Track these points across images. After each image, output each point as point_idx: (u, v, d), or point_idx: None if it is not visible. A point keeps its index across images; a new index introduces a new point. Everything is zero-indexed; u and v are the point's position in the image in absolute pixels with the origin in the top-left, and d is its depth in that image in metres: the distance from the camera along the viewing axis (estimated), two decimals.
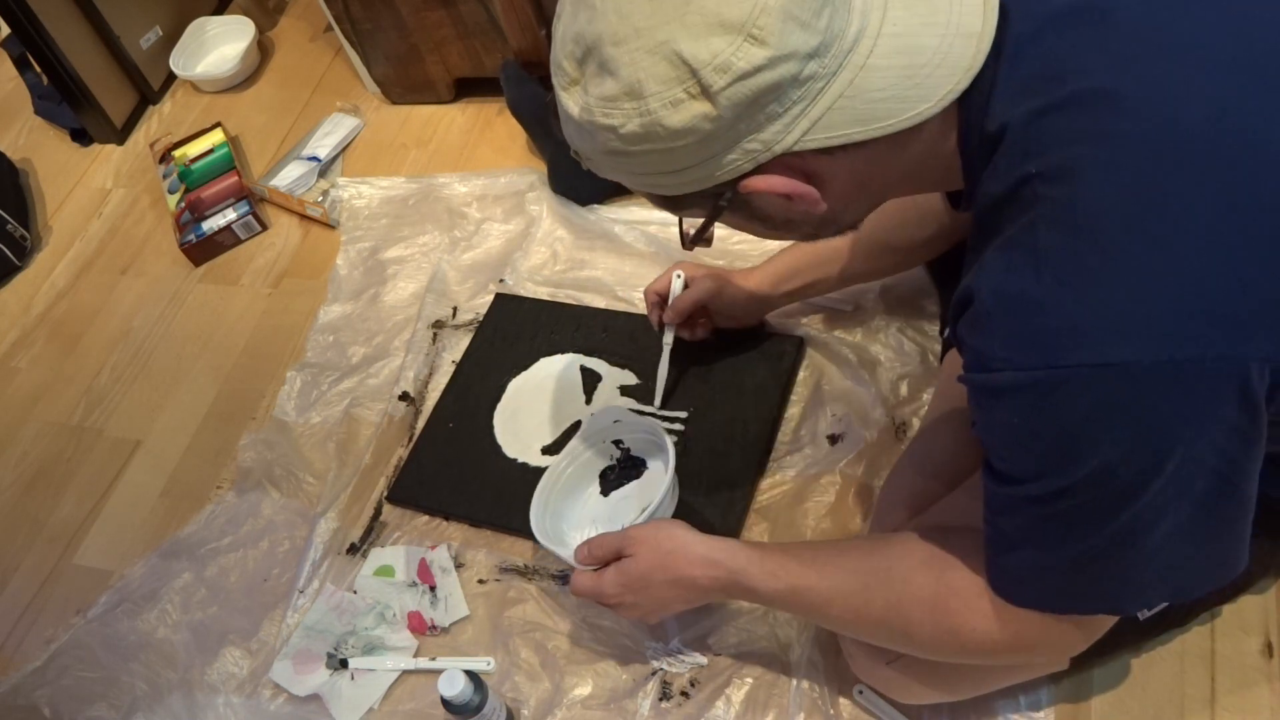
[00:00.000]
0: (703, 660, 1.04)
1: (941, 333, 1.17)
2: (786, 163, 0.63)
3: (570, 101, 0.65)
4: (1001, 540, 0.68)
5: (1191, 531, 0.62)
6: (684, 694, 1.03)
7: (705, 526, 1.10)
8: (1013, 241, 0.61)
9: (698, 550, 0.87)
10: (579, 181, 1.45)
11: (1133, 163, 0.58)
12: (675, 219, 0.76)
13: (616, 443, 1.14)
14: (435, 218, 1.53)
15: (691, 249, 0.77)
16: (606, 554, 0.91)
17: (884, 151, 0.64)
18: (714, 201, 0.67)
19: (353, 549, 1.22)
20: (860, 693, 0.98)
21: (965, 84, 0.62)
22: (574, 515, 1.12)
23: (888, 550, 0.79)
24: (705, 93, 0.59)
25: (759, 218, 0.70)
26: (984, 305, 0.62)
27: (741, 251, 1.36)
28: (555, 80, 0.66)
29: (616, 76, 0.60)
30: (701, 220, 0.71)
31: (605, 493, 1.14)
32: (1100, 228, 0.58)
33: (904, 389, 1.17)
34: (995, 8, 0.63)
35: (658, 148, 0.62)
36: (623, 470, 1.15)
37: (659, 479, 1.11)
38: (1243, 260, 0.56)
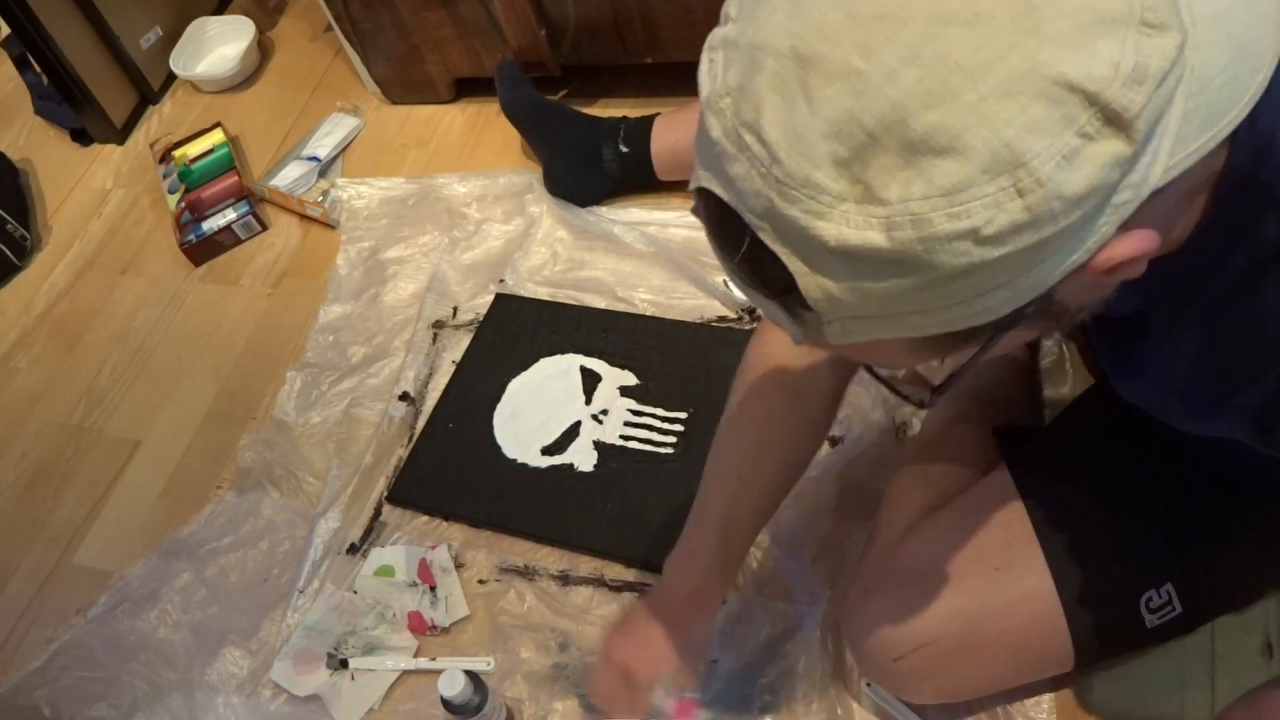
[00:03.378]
0: None
1: None
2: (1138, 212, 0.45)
3: (847, 231, 0.42)
4: None
5: None
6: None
7: None
8: None
9: None
10: (574, 185, 1.45)
11: None
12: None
13: None
14: (435, 218, 1.53)
15: (932, 404, 0.58)
16: None
17: (1184, 180, 0.46)
18: (1018, 316, 0.46)
19: (353, 549, 1.22)
20: (868, 686, 0.98)
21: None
22: None
23: None
24: (1116, 121, 0.40)
25: (1042, 319, 0.50)
26: None
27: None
28: (795, 212, 0.42)
29: (958, 152, 0.40)
30: (966, 354, 0.52)
31: None
32: None
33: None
34: None
35: (1036, 238, 0.41)
36: None
37: None
38: None
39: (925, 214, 0.40)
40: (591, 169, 1.42)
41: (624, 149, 1.40)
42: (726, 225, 0.46)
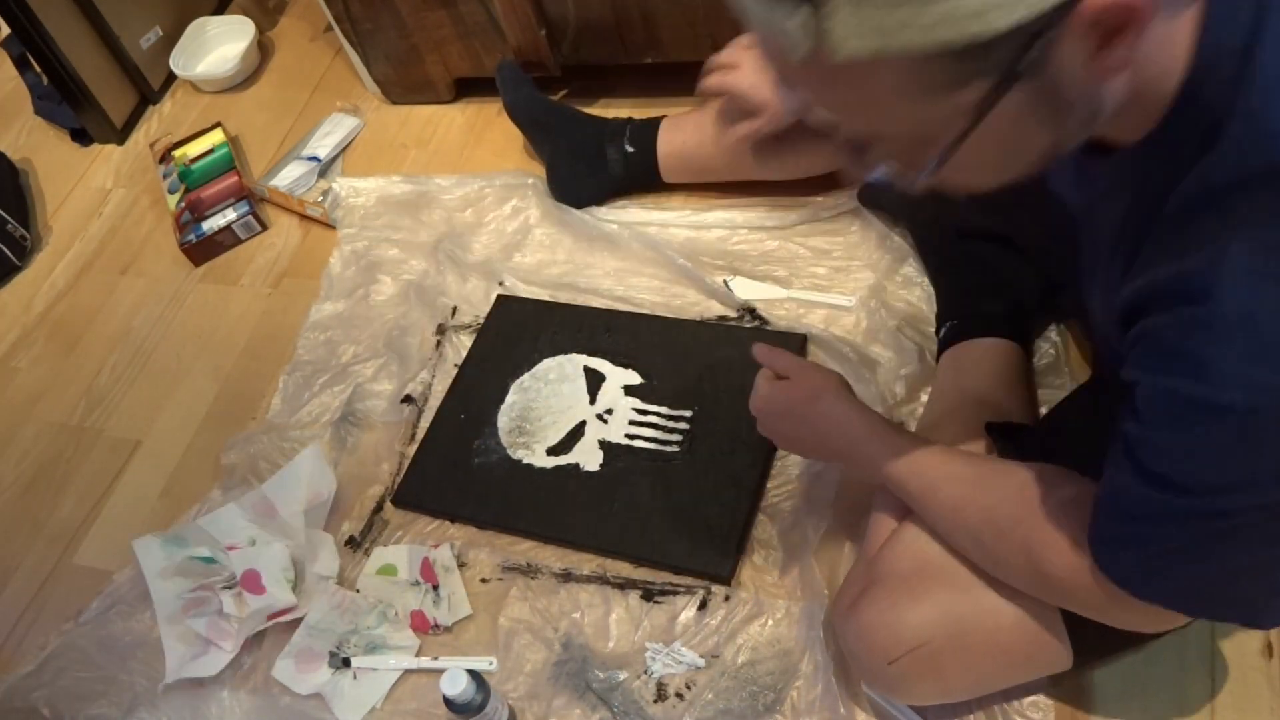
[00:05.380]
0: (700, 662, 1.04)
1: (937, 332, 1.18)
2: None
3: None
4: (1138, 541, 0.65)
5: None
6: (679, 695, 1.03)
7: (712, 525, 1.11)
8: (1274, 245, 0.53)
9: (840, 408, 0.90)
10: (577, 185, 1.45)
11: None
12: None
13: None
14: (433, 218, 1.53)
15: (914, 186, 0.60)
16: (780, 367, 0.95)
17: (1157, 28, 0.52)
18: (1018, 55, 0.49)
19: (352, 541, 1.22)
20: (869, 686, 0.98)
21: None
22: None
23: (1004, 472, 0.80)
24: None
25: (1043, 104, 0.53)
26: (1230, 312, 0.54)
27: (741, 252, 1.36)
28: None
29: None
30: (965, 119, 0.52)
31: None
32: None
33: (901, 389, 1.17)
34: None
35: None
36: None
37: None
38: None
39: None
40: (595, 169, 1.43)
41: (629, 149, 1.40)
42: None
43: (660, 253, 1.37)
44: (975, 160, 0.56)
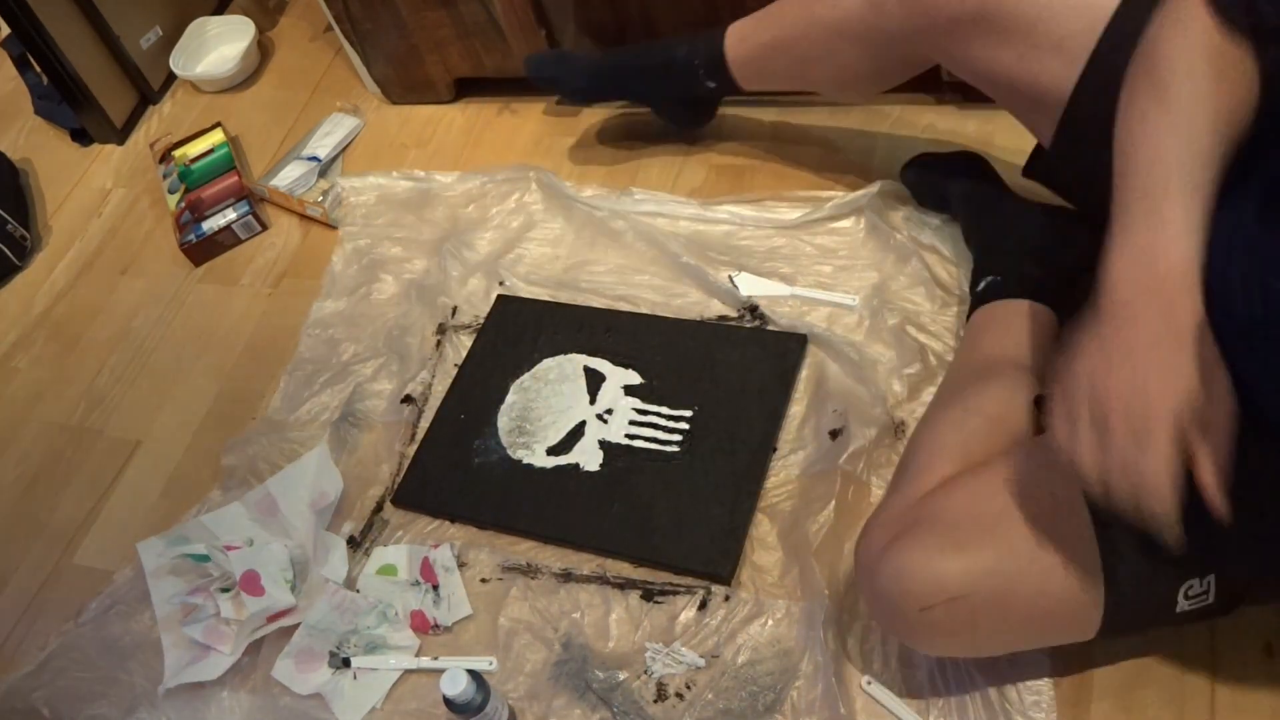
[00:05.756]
0: (700, 662, 1.04)
1: (974, 286, 1.14)
2: None
3: None
4: None
5: None
6: (679, 695, 1.03)
7: (712, 525, 1.11)
8: None
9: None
10: (688, 119, 1.46)
11: None
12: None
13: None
14: (434, 217, 1.53)
15: None
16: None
17: None
18: None
19: (352, 541, 1.22)
20: (869, 683, 0.98)
21: None
22: None
23: None
24: None
25: None
26: None
27: (747, 247, 1.36)
28: None
29: None
30: None
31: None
32: None
33: (903, 388, 1.17)
34: None
35: None
36: None
37: None
38: None
39: None
40: (690, 108, 1.44)
41: (710, 85, 1.35)
42: None
43: (663, 249, 1.37)
44: None
